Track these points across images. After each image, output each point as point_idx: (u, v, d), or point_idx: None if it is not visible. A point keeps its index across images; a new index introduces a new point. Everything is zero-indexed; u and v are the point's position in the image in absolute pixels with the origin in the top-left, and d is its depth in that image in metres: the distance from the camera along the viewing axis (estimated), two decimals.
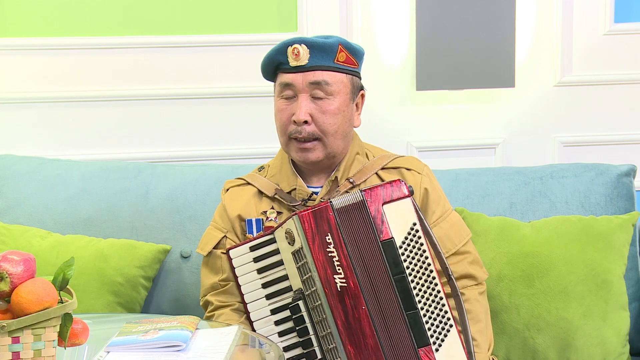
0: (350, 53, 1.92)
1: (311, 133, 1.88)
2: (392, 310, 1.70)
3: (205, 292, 1.99)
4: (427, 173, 1.99)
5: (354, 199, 1.72)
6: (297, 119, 1.87)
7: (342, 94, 1.91)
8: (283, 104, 1.92)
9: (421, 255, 1.72)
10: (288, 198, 1.94)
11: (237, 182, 2.05)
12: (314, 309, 1.74)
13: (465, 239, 1.97)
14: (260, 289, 1.82)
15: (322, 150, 1.91)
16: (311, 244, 1.72)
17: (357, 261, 1.71)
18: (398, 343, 1.70)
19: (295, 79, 1.88)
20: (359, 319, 1.70)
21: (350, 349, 1.70)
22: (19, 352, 1.34)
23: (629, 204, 2.33)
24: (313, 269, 1.72)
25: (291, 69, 1.89)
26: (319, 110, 1.88)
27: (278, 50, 1.90)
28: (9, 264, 1.37)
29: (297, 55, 1.87)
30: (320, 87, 1.88)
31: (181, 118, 2.87)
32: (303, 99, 1.88)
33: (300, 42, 1.88)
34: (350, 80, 1.93)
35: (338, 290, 1.71)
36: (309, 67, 1.87)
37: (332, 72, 1.89)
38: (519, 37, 2.88)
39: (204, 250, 1.99)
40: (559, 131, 2.96)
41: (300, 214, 1.73)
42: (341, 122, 1.91)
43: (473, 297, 1.93)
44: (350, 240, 1.71)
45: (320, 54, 1.88)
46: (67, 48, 2.80)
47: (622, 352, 2.15)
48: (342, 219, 1.72)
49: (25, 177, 2.49)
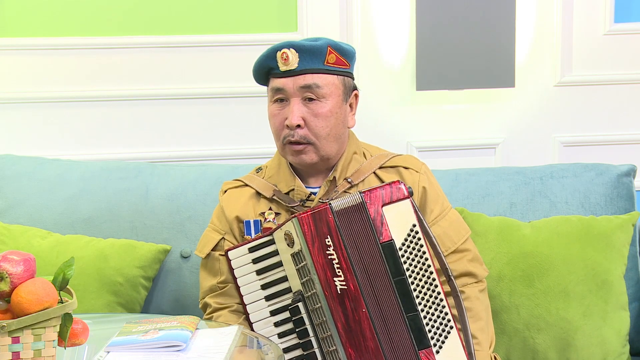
0: (340, 54, 1.91)
1: (303, 137, 1.88)
2: (392, 312, 1.70)
3: (203, 294, 1.98)
4: (425, 171, 1.99)
5: (353, 200, 1.72)
6: (289, 123, 1.87)
7: (334, 96, 1.90)
8: (276, 109, 1.92)
9: (421, 257, 1.72)
10: (286, 199, 1.94)
11: (234, 184, 2.04)
12: (314, 311, 1.74)
13: (464, 237, 1.97)
14: (260, 290, 1.82)
15: (315, 154, 1.91)
16: (310, 246, 1.71)
17: (357, 263, 1.70)
18: (399, 345, 1.69)
19: (286, 84, 1.88)
20: (359, 322, 1.69)
21: (350, 351, 1.70)
22: (19, 352, 1.34)
23: (629, 204, 2.33)
24: (313, 271, 1.72)
25: (281, 73, 1.88)
26: (311, 114, 1.88)
27: (267, 55, 1.90)
28: (9, 264, 1.37)
29: (286, 59, 1.87)
30: (311, 90, 1.87)
31: (181, 118, 2.87)
32: (295, 103, 1.88)
33: (289, 46, 1.88)
34: (342, 82, 1.92)
35: (338, 292, 1.70)
36: (298, 71, 1.87)
37: (322, 74, 1.88)
38: (519, 37, 2.88)
39: (202, 252, 1.98)
40: (559, 131, 2.96)
41: (300, 217, 1.72)
42: (334, 124, 1.90)
43: (473, 295, 1.93)
44: (350, 242, 1.71)
45: (310, 57, 1.87)
46: (67, 48, 2.80)
47: (622, 352, 2.15)
48: (342, 221, 1.71)
49: (25, 177, 2.49)
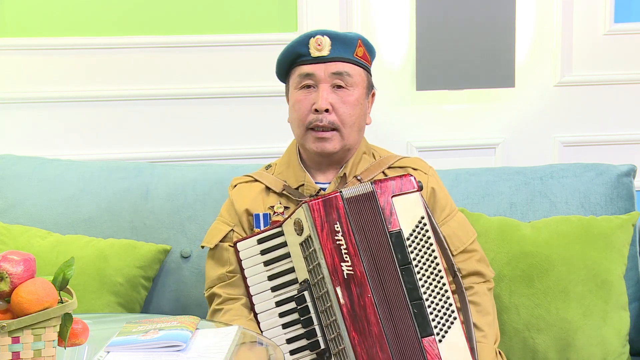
0: (367, 50, 1.97)
1: (331, 122, 1.91)
2: (397, 299, 1.72)
3: (211, 283, 1.98)
4: (433, 174, 2.03)
5: (364, 189, 1.75)
6: (318, 107, 1.90)
7: (361, 87, 1.95)
8: (302, 95, 1.94)
9: (428, 248, 1.75)
10: (296, 193, 1.96)
11: (245, 179, 2.06)
12: (320, 298, 1.76)
13: (472, 238, 2.01)
14: (266, 281, 1.84)
15: (339, 142, 1.94)
16: (320, 231, 1.73)
17: (364, 250, 1.73)
18: (402, 332, 1.71)
19: (317, 69, 1.92)
20: (364, 307, 1.71)
21: (354, 335, 1.71)
22: (19, 352, 1.34)
23: (629, 204, 2.33)
24: (321, 256, 1.73)
25: (312, 59, 1.92)
26: (340, 100, 1.92)
27: (300, 41, 1.94)
28: (9, 264, 1.37)
29: (319, 45, 1.91)
30: (341, 77, 1.92)
31: (181, 118, 2.87)
32: (324, 89, 1.91)
33: (323, 33, 1.92)
34: (366, 76, 1.98)
35: (345, 277, 1.72)
36: (330, 58, 1.91)
37: (351, 64, 1.93)
38: (519, 37, 2.88)
39: (210, 242, 1.99)
40: (559, 131, 2.96)
41: (310, 202, 1.75)
42: (359, 114, 1.95)
43: (482, 291, 1.96)
44: (358, 229, 1.73)
45: (342, 46, 1.92)
46: (67, 48, 2.80)
47: (622, 352, 2.15)
48: (352, 208, 1.74)
49: (25, 177, 2.49)
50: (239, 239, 1.89)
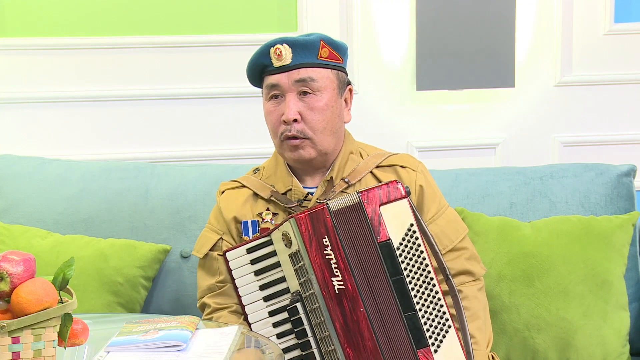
0: (333, 48, 1.91)
1: (300, 131, 1.87)
2: (390, 312, 1.69)
3: (202, 293, 1.98)
4: (421, 170, 1.98)
5: (350, 200, 1.71)
6: (286, 118, 1.87)
7: (329, 89, 1.90)
8: (271, 106, 1.92)
9: (419, 257, 1.71)
10: (284, 199, 1.93)
11: (232, 185, 2.04)
12: (312, 312, 1.74)
13: (461, 235, 1.96)
14: (258, 291, 1.82)
15: (313, 148, 1.90)
16: (308, 246, 1.71)
17: (354, 263, 1.70)
18: (397, 345, 1.69)
19: (281, 79, 1.88)
20: (357, 322, 1.69)
21: (349, 351, 1.70)
22: (19, 352, 1.34)
23: (629, 204, 2.33)
24: (310, 272, 1.72)
25: (276, 69, 1.89)
26: (307, 108, 1.88)
27: (261, 53, 1.91)
28: (9, 264, 1.37)
29: (279, 55, 1.87)
30: (306, 84, 1.87)
31: (181, 118, 2.87)
32: (291, 98, 1.88)
33: (282, 42, 1.88)
34: (336, 76, 1.92)
35: (336, 292, 1.70)
36: (292, 65, 1.87)
37: (316, 68, 1.89)
38: (519, 37, 2.88)
39: (200, 252, 1.98)
40: (559, 131, 2.96)
41: (297, 217, 1.72)
42: (330, 117, 1.90)
43: (471, 295, 1.93)
44: (347, 242, 1.70)
45: (303, 52, 1.88)
46: (67, 48, 2.80)
47: (622, 352, 2.15)
48: (339, 221, 1.71)
49: (25, 177, 2.49)
50: (228, 248, 1.86)
